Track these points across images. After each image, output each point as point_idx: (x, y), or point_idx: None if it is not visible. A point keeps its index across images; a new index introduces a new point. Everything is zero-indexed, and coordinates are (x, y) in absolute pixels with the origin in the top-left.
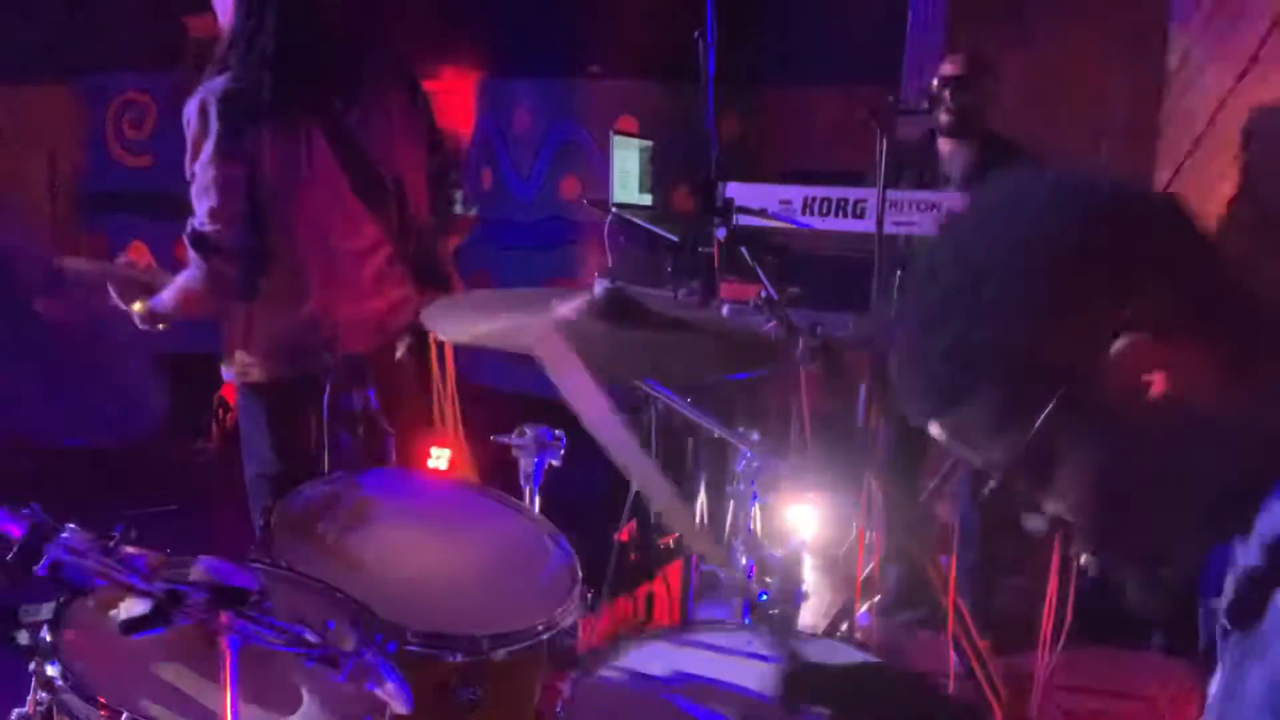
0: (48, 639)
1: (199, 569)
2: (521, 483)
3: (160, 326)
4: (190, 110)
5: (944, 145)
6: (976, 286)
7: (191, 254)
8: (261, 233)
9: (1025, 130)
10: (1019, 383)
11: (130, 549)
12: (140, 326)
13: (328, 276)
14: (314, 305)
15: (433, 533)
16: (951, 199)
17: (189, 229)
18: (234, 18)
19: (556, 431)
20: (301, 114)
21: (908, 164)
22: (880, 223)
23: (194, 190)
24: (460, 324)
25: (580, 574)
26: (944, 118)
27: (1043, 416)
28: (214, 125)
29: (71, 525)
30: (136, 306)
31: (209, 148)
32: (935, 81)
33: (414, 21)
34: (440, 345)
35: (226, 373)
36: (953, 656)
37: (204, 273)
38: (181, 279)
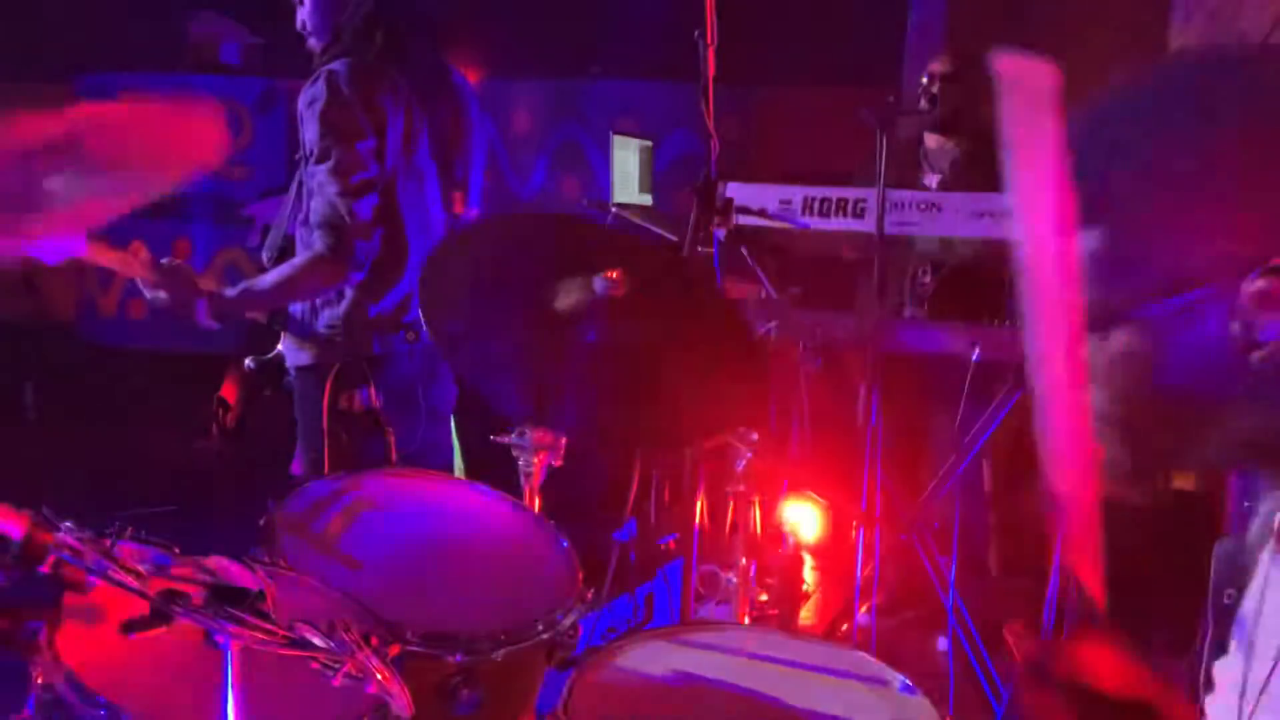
0: (48, 639)
1: (207, 567)
2: (521, 483)
3: (215, 325)
4: (316, 89)
5: (930, 140)
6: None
7: (318, 231)
8: (384, 206)
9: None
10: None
11: (128, 547)
12: (203, 322)
13: (420, 257)
14: (407, 285)
15: (432, 532)
16: (950, 199)
17: (325, 205)
18: (327, 15)
19: (556, 431)
20: (412, 95)
21: (890, 162)
22: (880, 223)
23: (327, 168)
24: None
25: (580, 574)
26: (934, 114)
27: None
28: (348, 99)
29: (68, 523)
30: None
31: (342, 122)
32: (925, 79)
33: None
34: None
35: (298, 356)
36: (953, 656)
37: (331, 248)
38: (298, 260)
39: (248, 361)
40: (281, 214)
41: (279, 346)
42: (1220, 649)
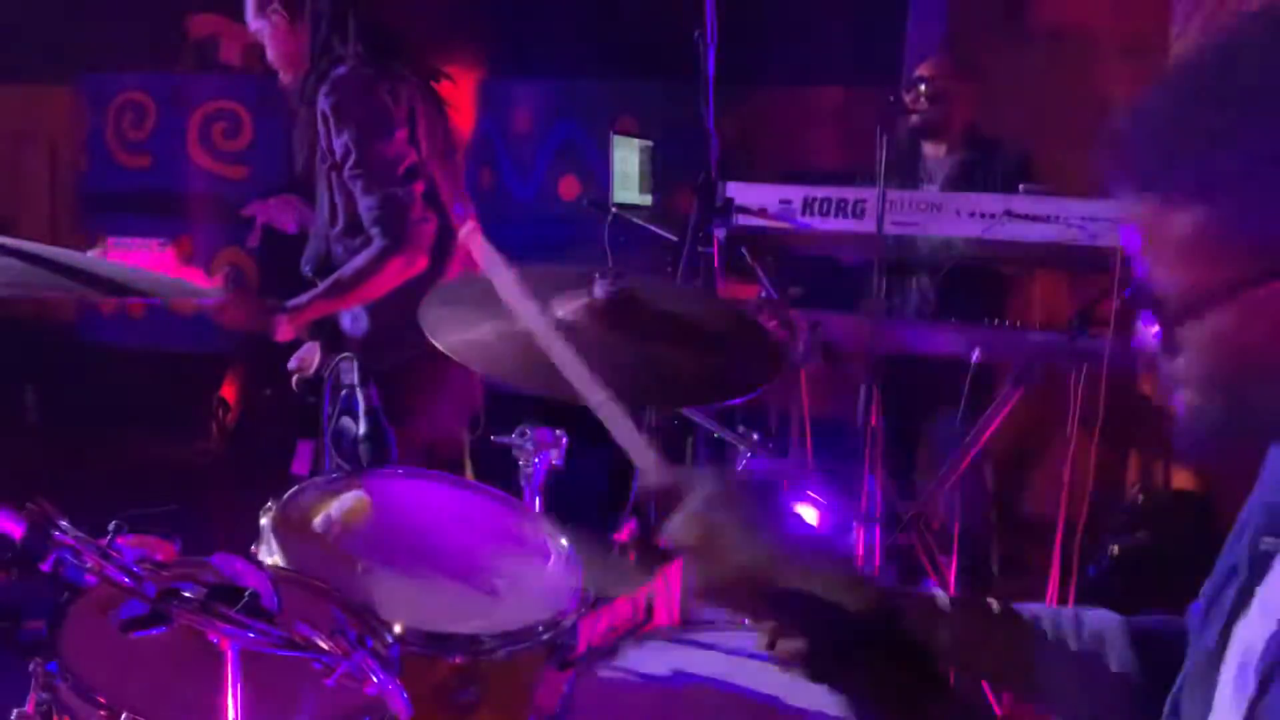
0: (48, 639)
1: (210, 567)
2: (521, 483)
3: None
4: (340, 94)
5: (927, 147)
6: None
7: (376, 229)
8: (428, 191)
9: (1025, 130)
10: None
11: (125, 547)
12: (283, 337)
13: (459, 250)
14: (459, 264)
15: (433, 533)
16: (950, 199)
17: (375, 200)
18: (298, 41)
19: (556, 431)
20: (420, 95)
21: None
22: (880, 223)
23: (369, 165)
24: (454, 326)
25: (580, 574)
26: (914, 118)
27: (1244, 288)
28: (374, 96)
29: (64, 522)
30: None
31: (373, 119)
32: (914, 83)
33: (414, 21)
34: None
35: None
36: None
37: (395, 239)
38: (364, 259)
39: (294, 381)
40: (318, 224)
41: (314, 362)
42: (1248, 595)
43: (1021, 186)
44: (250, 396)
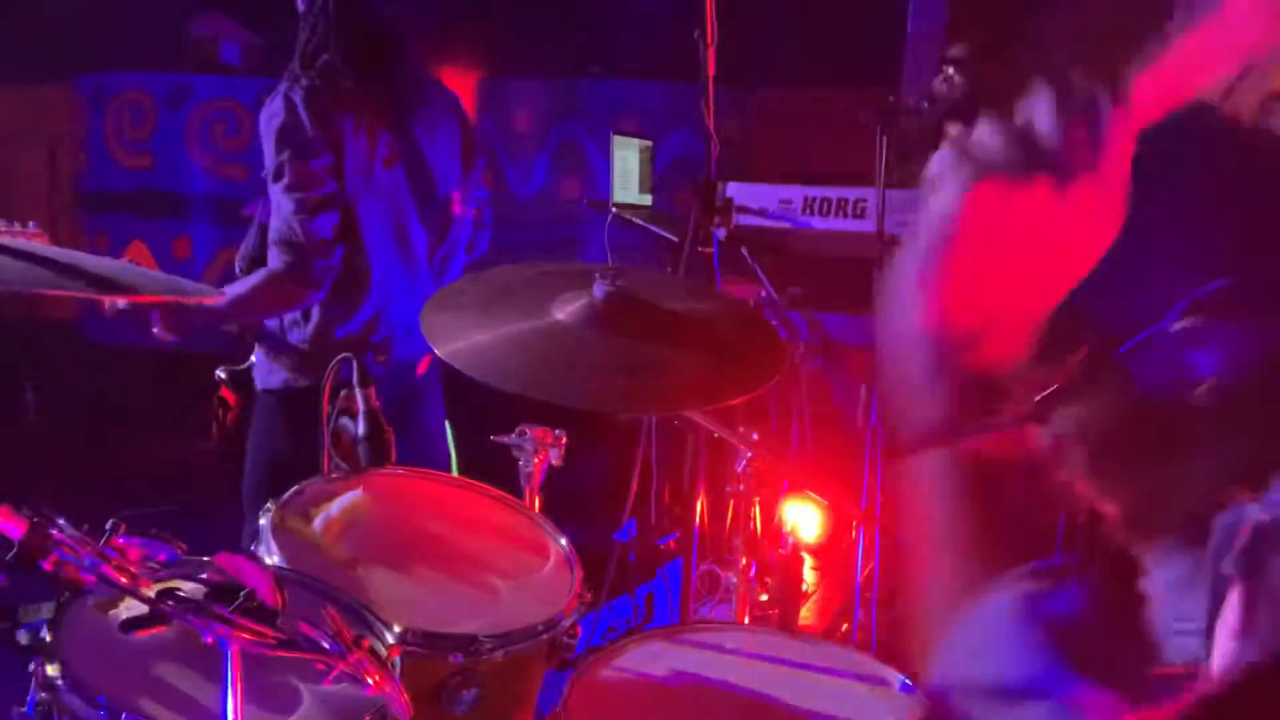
0: (48, 639)
1: (211, 566)
2: (521, 483)
3: (171, 337)
4: (274, 107)
5: (951, 130)
6: None
7: (274, 249)
8: (343, 226)
9: None
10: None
11: (131, 545)
12: (158, 334)
13: (386, 277)
14: (374, 305)
15: (433, 533)
16: None
17: (282, 222)
18: (299, 33)
19: (556, 431)
20: (376, 115)
21: (913, 157)
22: (880, 223)
23: (283, 186)
24: (459, 334)
25: (580, 574)
26: (946, 96)
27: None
28: (303, 117)
29: (61, 520)
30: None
31: (298, 140)
32: (944, 65)
33: (414, 21)
34: None
35: (269, 379)
36: None
37: (288, 265)
38: (256, 277)
39: (219, 371)
40: (254, 227)
41: (251, 358)
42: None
43: None
44: (250, 397)
